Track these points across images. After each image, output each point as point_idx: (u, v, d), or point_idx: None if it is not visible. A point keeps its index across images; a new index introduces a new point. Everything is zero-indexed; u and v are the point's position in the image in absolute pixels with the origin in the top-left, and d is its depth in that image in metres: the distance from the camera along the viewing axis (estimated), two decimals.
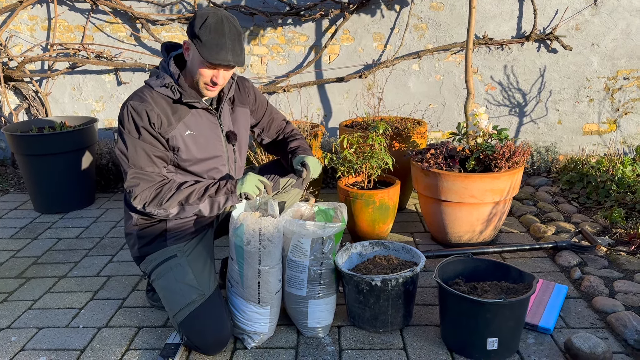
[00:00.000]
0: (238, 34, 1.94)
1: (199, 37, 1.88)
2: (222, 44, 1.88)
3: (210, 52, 1.88)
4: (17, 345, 2.11)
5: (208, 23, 1.88)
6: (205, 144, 2.10)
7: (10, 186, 4.10)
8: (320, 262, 2.06)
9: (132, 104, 1.95)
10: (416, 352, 1.99)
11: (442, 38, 4.02)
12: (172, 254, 2.09)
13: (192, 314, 1.95)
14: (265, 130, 2.41)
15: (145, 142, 1.96)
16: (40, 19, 4.14)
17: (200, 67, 1.94)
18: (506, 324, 1.88)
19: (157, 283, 2.09)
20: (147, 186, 1.96)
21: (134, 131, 1.95)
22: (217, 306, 2.00)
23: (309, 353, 2.01)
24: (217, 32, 1.88)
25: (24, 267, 2.81)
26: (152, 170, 1.98)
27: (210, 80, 1.97)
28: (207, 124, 2.11)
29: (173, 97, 2.00)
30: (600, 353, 1.89)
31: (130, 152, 1.96)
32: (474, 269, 2.16)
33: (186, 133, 2.04)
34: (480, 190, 2.63)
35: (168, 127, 2.00)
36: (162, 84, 2.00)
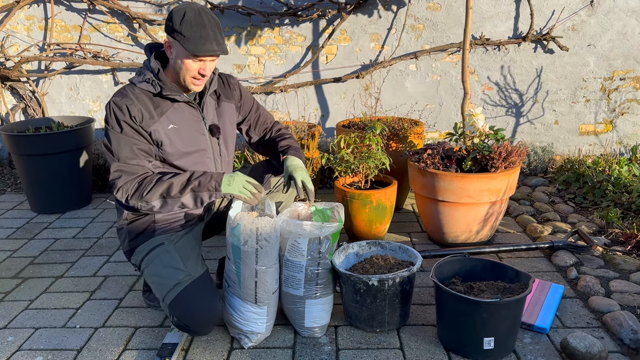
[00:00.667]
0: (217, 24, 1.99)
1: (180, 32, 1.93)
2: (206, 35, 1.93)
3: (196, 44, 1.92)
4: (14, 346, 2.11)
5: (188, 17, 1.93)
6: (189, 137, 2.12)
7: (6, 186, 4.09)
8: (318, 262, 2.06)
9: (114, 100, 2.01)
10: (413, 352, 2.00)
11: (439, 38, 4.02)
12: (160, 242, 2.11)
13: (180, 294, 1.96)
14: (252, 127, 2.42)
15: (127, 135, 2.00)
16: (37, 19, 4.14)
17: (185, 61, 1.98)
18: (503, 324, 1.89)
19: (146, 272, 2.10)
20: (128, 179, 1.98)
21: (117, 126, 2.00)
22: (204, 285, 2.01)
23: (306, 353, 2.01)
24: (198, 25, 1.93)
25: (20, 267, 2.80)
26: (135, 163, 2.01)
27: (198, 72, 2.01)
28: (190, 118, 2.13)
29: (154, 91, 2.04)
30: (596, 352, 1.90)
31: (114, 146, 2.00)
32: (470, 268, 2.16)
33: (169, 127, 2.07)
34: (477, 190, 2.64)
35: (150, 121, 2.03)
36: (143, 79, 2.05)
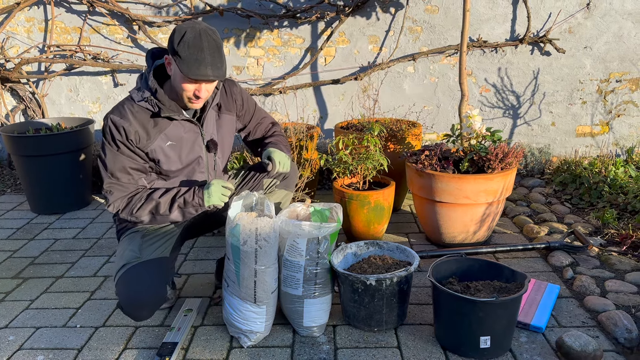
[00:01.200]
0: (217, 47, 1.93)
1: (178, 53, 1.89)
2: (202, 59, 1.89)
3: (190, 68, 1.89)
4: (15, 345, 2.13)
5: (186, 39, 1.89)
6: (186, 152, 2.13)
7: (6, 187, 4.11)
8: (316, 261, 2.08)
9: (112, 118, 2.01)
10: (410, 351, 2.02)
11: (437, 41, 4.05)
12: (136, 230, 2.16)
13: (124, 274, 1.98)
14: (252, 133, 2.43)
15: (122, 154, 2.02)
16: (37, 21, 4.16)
17: (182, 83, 1.95)
18: (499, 323, 1.91)
19: (116, 253, 2.15)
20: (120, 195, 2.04)
21: (113, 144, 2.01)
22: (147, 271, 2.00)
23: (304, 351, 2.03)
24: (195, 47, 1.88)
25: (21, 268, 2.82)
26: (127, 180, 2.05)
27: (194, 94, 1.99)
28: (189, 133, 2.13)
29: (152, 110, 2.03)
30: (591, 351, 1.92)
31: (109, 162, 2.02)
32: (467, 268, 2.19)
33: (167, 144, 2.08)
34: (473, 191, 2.66)
35: (147, 142, 2.04)
36: (142, 97, 2.03)
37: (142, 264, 2.01)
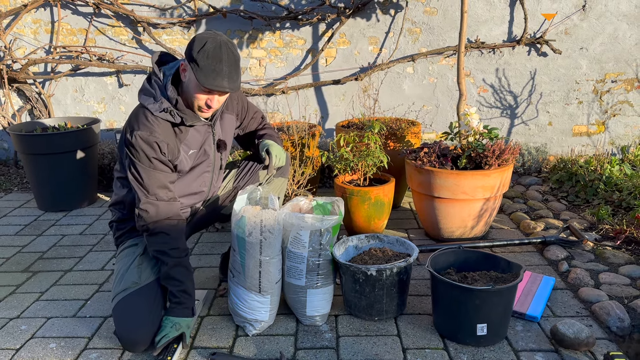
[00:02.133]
0: (235, 61, 1.97)
1: (196, 61, 1.91)
2: (219, 70, 1.92)
3: (207, 78, 1.92)
4: (28, 334, 2.20)
5: (206, 48, 1.91)
6: (200, 155, 2.21)
7: (13, 185, 4.18)
8: (319, 253, 2.16)
9: (141, 135, 1.99)
10: (410, 338, 2.09)
11: (436, 42, 4.13)
12: (135, 243, 2.20)
13: (122, 301, 2.02)
14: (245, 129, 2.49)
15: (157, 170, 2.03)
16: (44, 22, 4.24)
17: (196, 91, 1.99)
18: (495, 311, 1.99)
19: (115, 267, 2.20)
20: (155, 219, 2.03)
21: (146, 161, 2.01)
22: (144, 299, 2.02)
23: (307, 339, 2.11)
24: (214, 58, 1.91)
25: (30, 262, 2.89)
26: (165, 196, 2.06)
27: (205, 103, 2.03)
28: (203, 136, 2.20)
29: (173, 121, 2.05)
30: (584, 338, 1.99)
31: (145, 180, 2.02)
32: (464, 260, 2.26)
33: (189, 153, 2.15)
34: (471, 187, 2.74)
35: (177, 154, 2.09)
36: (161, 108, 2.02)
37: (139, 290, 2.03)
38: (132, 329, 1.97)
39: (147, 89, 2.09)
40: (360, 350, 2.02)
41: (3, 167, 4.43)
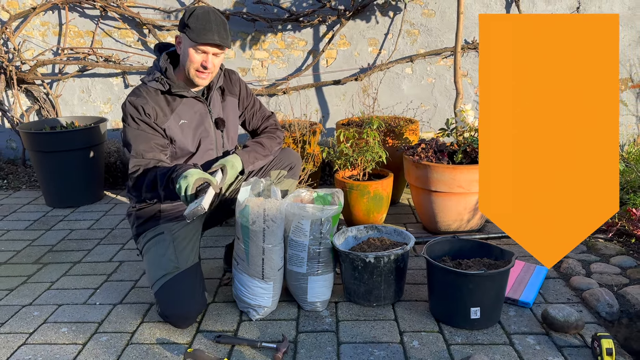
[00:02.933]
0: (223, 22, 2.18)
1: (188, 25, 2.13)
2: (209, 27, 2.13)
3: (199, 34, 2.12)
4: (40, 319, 2.29)
5: (196, 13, 2.14)
6: (197, 130, 2.32)
7: (21, 184, 4.29)
8: (319, 241, 2.25)
9: (130, 100, 2.21)
10: (406, 322, 2.19)
11: (434, 43, 4.24)
12: (160, 232, 2.29)
13: (164, 285, 2.14)
14: (248, 121, 2.58)
15: (144, 131, 2.20)
16: (52, 25, 4.35)
17: (190, 53, 2.17)
18: (487, 295, 2.08)
19: (144, 258, 2.30)
20: (141, 173, 2.17)
21: (134, 123, 2.20)
22: (188, 280, 2.17)
23: (308, 323, 2.20)
24: (204, 19, 2.14)
25: (40, 254, 2.99)
26: (152, 156, 2.19)
27: (201, 65, 2.18)
28: (198, 112, 2.33)
29: (163, 88, 2.22)
30: (574, 321, 2.08)
31: (132, 142, 2.19)
32: (459, 248, 2.35)
33: (180, 122, 2.27)
34: (467, 181, 2.83)
35: (163, 118, 2.23)
36: (153, 78, 2.23)
37: (182, 274, 2.17)
38: (182, 307, 2.12)
39: (149, 69, 2.32)
40: (359, 333, 2.11)
41: (12, 166, 4.54)
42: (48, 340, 2.13)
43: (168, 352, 2.03)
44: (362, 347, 2.03)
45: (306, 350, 2.02)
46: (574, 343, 2.04)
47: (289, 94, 4.35)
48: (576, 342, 2.04)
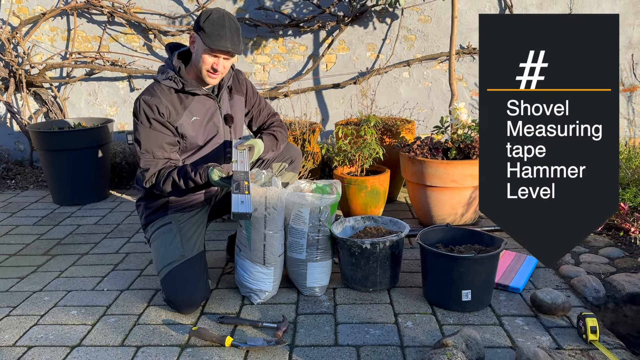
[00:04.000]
0: (237, 29, 2.27)
1: (203, 28, 2.21)
2: (223, 34, 2.21)
3: (212, 39, 2.20)
4: (51, 303, 2.40)
5: (211, 17, 2.22)
6: (207, 126, 2.42)
7: (29, 183, 4.40)
8: (318, 229, 2.36)
9: (144, 98, 2.28)
10: (401, 306, 2.29)
11: (430, 48, 4.38)
12: (168, 221, 2.40)
13: (170, 272, 2.26)
14: (255, 119, 2.69)
15: (156, 130, 2.28)
16: (61, 30, 4.50)
17: (203, 55, 2.26)
18: (478, 278, 2.18)
19: (152, 246, 2.42)
20: (153, 171, 2.28)
21: (146, 122, 2.28)
22: (193, 268, 2.28)
23: (307, 307, 2.30)
24: (219, 24, 2.21)
25: (49, 247, 3.09)
26: (162, 155, 2.29)
27: (212, 67, 2.28)
28: (209, 108, 2.43)
29: (176, 87, 2.32)
30: (560, 303, 2.18)
31: (143, 140, 2.28)
32: (452, 236, 2.45)
33: (192, 119, 2.37)
34: (460, 175, 2.94)
35: (176, 116, 2.33)
36: (166, 77, 2.31)
37: (187, 262, 2.28)
38: (186, 293, 2.22)
39: (160, 68, 2.40)
40: (356, 315, 2.22)
41: (19, 167, 4.66)
42: (58, 322, 2.23)
43: (174, 332, 2.13)
44: (359, 326, 2.13)
45: (305, 330, 2.12)
46: (561, 324, 2.13)
47: (290, 97, 4.48)
48: (563, 323, 2.14)
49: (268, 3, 4.33)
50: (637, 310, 2.38)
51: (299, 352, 1.98)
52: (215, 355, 1.96)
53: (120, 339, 2.09)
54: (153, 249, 2.41)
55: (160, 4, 4.40)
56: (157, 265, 2.34)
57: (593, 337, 1.97)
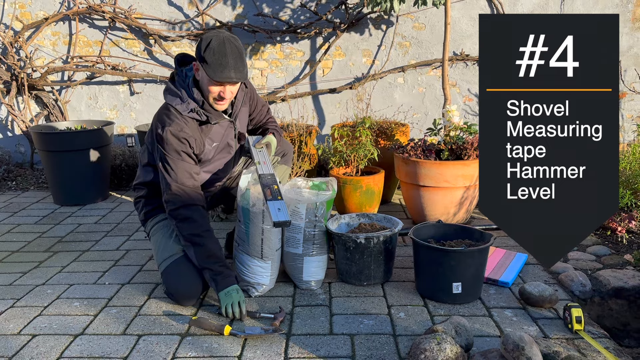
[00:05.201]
0: (239, 53, 2.23)
1: (205, 59, 2.19)
2: (225, 63, 2.18)
3: (215, 71, 2.18)
4: (54, 295, 2.46)
5: (211, 46, 2.18)
6: (222, 146, 2.49)
7: (30, 185, 4.47)
8: (314, 224, 2.44)
9: (172, 131, 2.26)
10: (394, 298, 2.36)
11: (424, 54, 4.49)
12: (166, 216, 2.44)
13: (170, 265, 2.32)
14: (255, 120, 2.74)
15: (185, 162, 2.31)
16: (62, 35, 4.59)
17: (208, 85, 2.27)
18: (468, 271, 2.26)
19: (152, 239, 2.49)
20: (180, 205, 2.27)
21: (175, 154, 2.28)
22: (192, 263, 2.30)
23: (304, 299, 2.37)
24: (219, 53, 2.17)
25: (50, 244, 3.16)
26: (191, 184, 2.31)
27: (218, 95, 2.29)
28: (225, 130, 2.47)
29: (200, 119, 2.34)
30: (548, 296, 2.26)
31: (173, 171, 2.28)
32: (443, 232, 2.54)
33: (213, 145, 2.43)
34: (452, 176, 3.03)
35: (202, 147, 2.38)
36: (189, 109, 2.30)
37: (187, 255, 2.32)
38: (186, 286, 2.28)
39: (172, 89, 2.36)
40: (350, 307, 2.29)
41: (20, 169, 4.72)
42: (62, 312, 2.30)
43: (174, 322, 2.20)
44: (353, 317, 2.21)
45: (301, 320, 2.19)
46: (548, 315, 2.21)
47: (287, 102, 4.57)
48: (550, 314, 2.22)
49: (266, 10, 4.44)
50: (621, 303, 2.46)
51: (296, 340, 2.05)
52: (215, 343, 2.03)
53: (122, 328, 2.15)
54: (153, 242, 2.48)
55: (160, 10, 4.50)
56: (158, 259, 2.42)
57: (578, 326, 2.05)
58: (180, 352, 1.99)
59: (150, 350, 2.00)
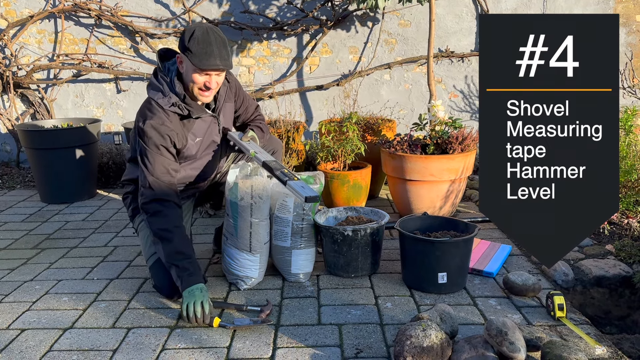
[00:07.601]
0: (223, 42, 2.23)
1: (189, 49, 2.17)
2: (210, 51, 2.17)
3: (201, 60, 2.17)
4: (42, 291, 2.47)
5: (196, 35, 2.17)
6: (208, 142, 2.49)
7: (16, 183, 4.44)
8: (302, 217, 2.47)
9: (153, 124, 2.24)
10: (381, 289, 2.40)
11: (410, 51, 4.53)
12: None
13: (158, 260, 2.32)
14: (241, 116, 2.73)
15: (164, 156, 2.28)
16: (48, 33, 4.57)
17: (193, 75, 2.25)
18: (453, 261, 2.31)
19: (140, 234, 2.49)
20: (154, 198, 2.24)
21: (155, 148, 2.26)
22: None
23: (292, 292, 2.40)
24: (204, 42, 2.17)
25: (38, 241, 3.15)
26: (167, 180, 2.29)
27: (204, 85, 2.27)
28: (209, 125, 2.46)
29: (182, 113, 2.32)
30: (531, 284, 2.31)
31: (150, 163, 2.26)
32: (429, 225, 2.58)
33: (195, 140, 2.42)
34: (438, 169, 3.07)
35: (184, 141, 2.36)
36: (171, 103, 2.27)
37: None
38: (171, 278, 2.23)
39: (154, 84, 2.35)
40: (338, 298, 2.32)
41: (6, 168, 4.70)
42: (50, 307, 2.30)
43: (163, 315, 2.21)
44: (341, 308, 2.24)
45: (290, 312, 2.22)
46: (531, 304, 2.26)
47: (275, 99, 4.59)
48: (533, 303, 2.27)
49: (253, 7, 4.46)
50: (603, 292, 2.52)
51: (284, 330, 2.08)
52: (204, 335, 2.05)
53: (111, 322, 2.17)
54: (141, 237, 2.49)
55: (147, 8, 4.50)
56: (146, 253, 2.43)
57: (560, 313, 2.10)
58: (169, 343, 2.00)
59: (140, 343, 2.01)
